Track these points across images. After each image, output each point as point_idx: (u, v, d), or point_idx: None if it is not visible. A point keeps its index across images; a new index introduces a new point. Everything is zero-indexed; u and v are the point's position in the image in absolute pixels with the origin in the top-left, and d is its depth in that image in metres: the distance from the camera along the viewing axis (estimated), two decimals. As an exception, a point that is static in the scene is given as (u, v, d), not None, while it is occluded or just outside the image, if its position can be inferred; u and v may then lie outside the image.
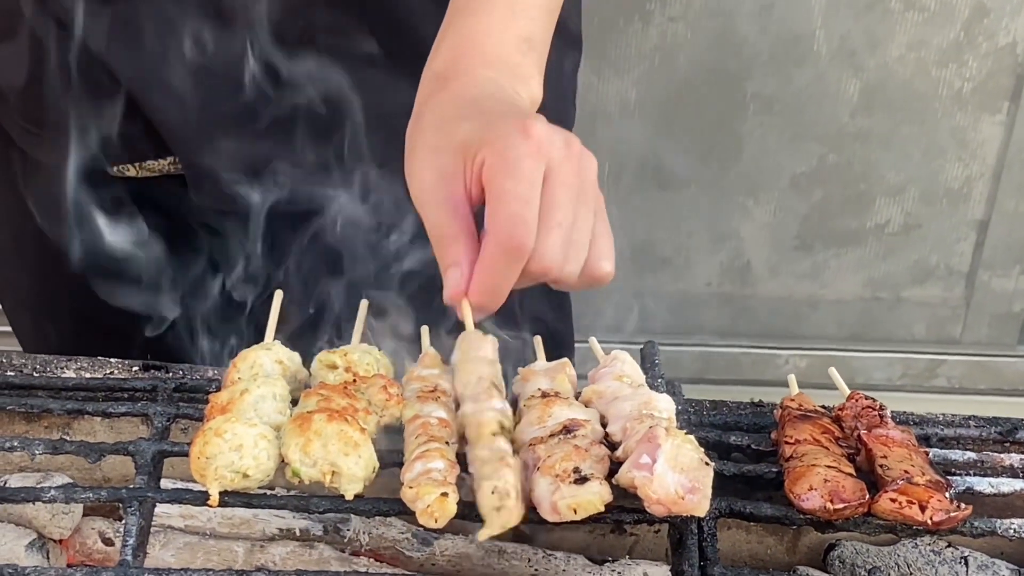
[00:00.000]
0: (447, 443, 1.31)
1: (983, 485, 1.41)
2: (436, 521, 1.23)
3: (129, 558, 1.27)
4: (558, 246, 1.25)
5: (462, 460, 1.30)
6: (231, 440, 1.29)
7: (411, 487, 1.25)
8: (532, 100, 1.42)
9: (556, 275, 1.26)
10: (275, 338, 1.47)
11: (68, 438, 1.56)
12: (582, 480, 1.24)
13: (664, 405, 1.37)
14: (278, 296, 1.50)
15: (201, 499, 1.30)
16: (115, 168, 1.75)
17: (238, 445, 1.29)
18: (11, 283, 2.00)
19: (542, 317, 1.92)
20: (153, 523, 1.36)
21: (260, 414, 1.33)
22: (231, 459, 1.28)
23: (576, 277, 1.28)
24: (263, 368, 1.41)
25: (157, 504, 1.36)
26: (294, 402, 1.38)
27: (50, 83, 1.66)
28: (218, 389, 1.42)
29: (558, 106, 1.87)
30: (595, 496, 1.24)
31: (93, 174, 1.75)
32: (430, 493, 1.23)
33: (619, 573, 1.54)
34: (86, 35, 1.60)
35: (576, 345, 2.04)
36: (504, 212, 1.23)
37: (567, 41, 1.86)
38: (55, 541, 1.52)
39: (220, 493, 1.29)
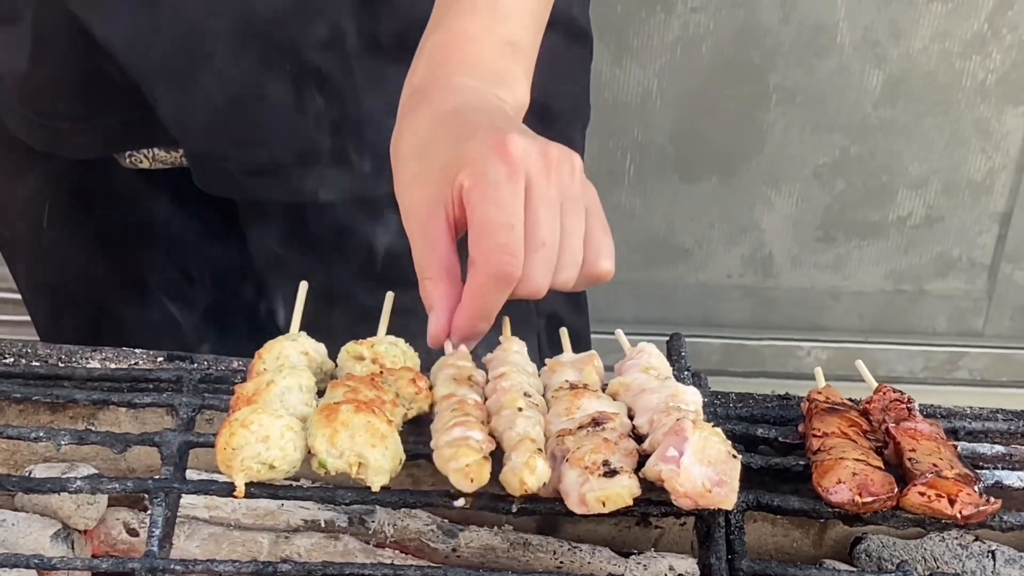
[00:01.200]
0: (482, 422, 1.31)
1: (1012, 479, 1.41)
2: (472, 482, 1.23)
3: (155, 549, 1.27)
4: (543, 267, 1.25)
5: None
6: (257, 431, 1.28)
7: (449, 447, 1.25)
8: (518, 105, 1.40)
9: (545, 292, 1.26)
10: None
11: (93, 428, 1.56)
12: (611, 473, 1.24)
13: (691, 398, 1.36)
14: (303, 287, 1.50)
15: (227, 490, 1.30)
16: (128, 159, 1.75)
17: (264, 436, 1.28)
18: (29, 273, 2.00)
19: (558, 313, 1.92)
20: (178, 514, 1.36)
21: (286, 405, 1.33)
22: (257, 450, 1.28)
23: (573, 282, 1.28)
24: (289, 359, 1.40)
25: (183, 495, 1.36)
26: (320, 393, 1.38)
27: (54, 71, 1.65)
28: (244, 380, 1.41)
29: (567, 105, 1.85)
30: (624, 490, 1.23)
31: (104, 164, 1.75)
32: (468, 455, 1.23)
33: (644, 566, 1.54)
34: (92, 24, 1.60)
35: (598, 336, 2.03)
36: (488, 242, 1.23)
37: (575, 37, 1.84)
38: (80, 532, 1.52)
39: (246, 484, 1.29)
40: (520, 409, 1.32)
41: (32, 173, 1.83)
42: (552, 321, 1.90)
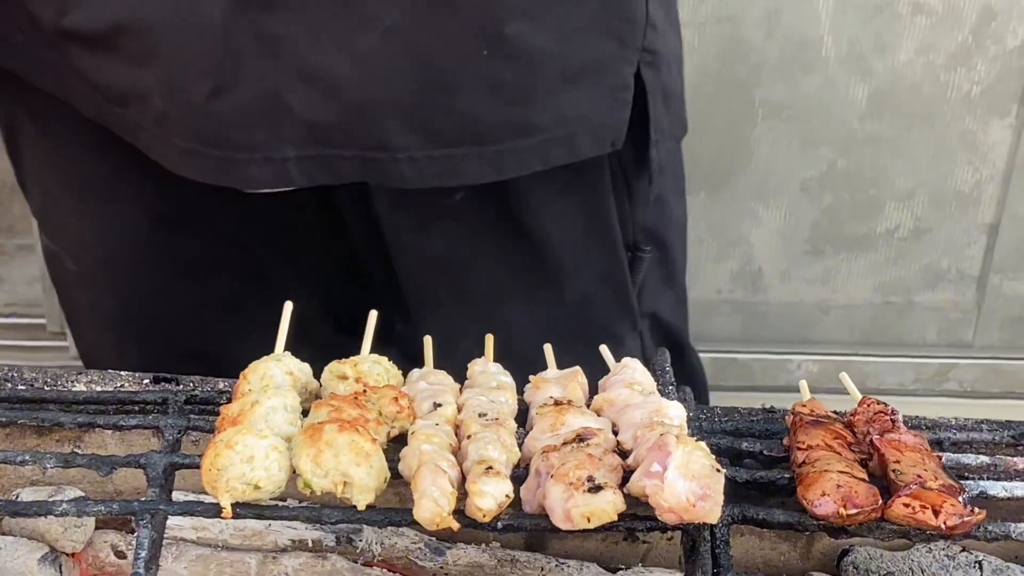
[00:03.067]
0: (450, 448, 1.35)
1: (996, 489, 1.41)
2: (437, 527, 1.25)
3: (141, 571, 1.27)
4: None
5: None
6: (242, 452, 1.28)
7: (419, 486, 1.26)
8: None
9: None
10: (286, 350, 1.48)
11: (79, 451, 1.56)
12: (596, 489, 1.24)
13: (675, 412, 1.37)
14: (288, 308, 1.50)
15: (213, 511, 1.30)
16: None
17: (249, 457, 1.29)
18: (93, 305, 1.98)
19: (659, 313, 1.93)
20: (165, 535, 1.36)
21: (271, 425, 1.33)
22: (243, 471, 1.28)
23: None
24: (273, 380, 1.41)
25: (169, 516, 1.36)
26: (305, 413, 1.38)
27: (241, 98, 1.62)
28: (229, 401, 1.42)
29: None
30: (609, 505, 1.24)
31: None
32: (431, 508, 1.25)
33: (632, 581, 1.54)
34: (287, 47, 1.58)
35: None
36: None
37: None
38: (68, 555, 1.52)
39: (232, 505, 1.29)
40: (469, 437, 1.33)
41: (122, 196, 1.81)
42: (655, 321, 1.92)
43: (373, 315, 1.51)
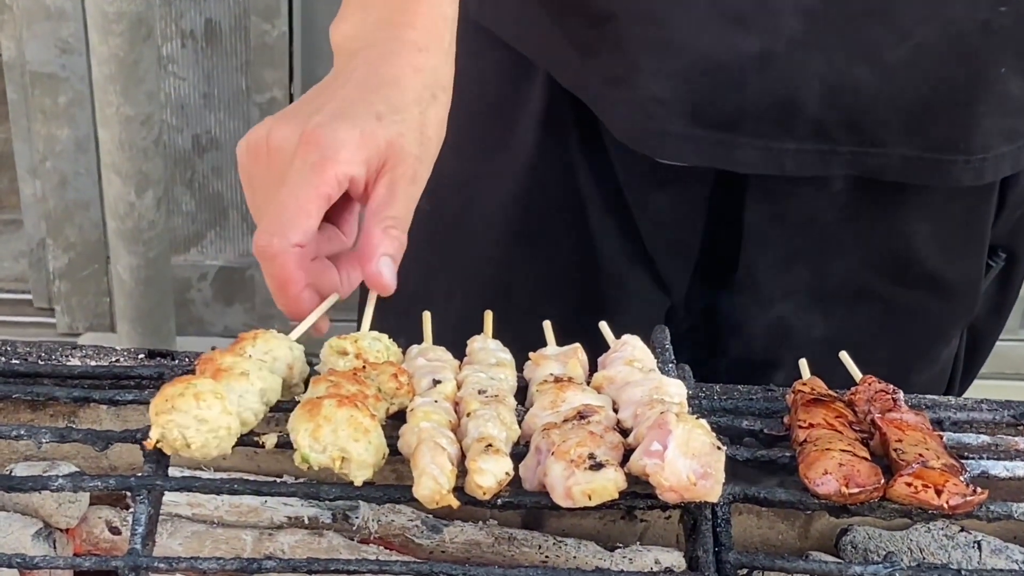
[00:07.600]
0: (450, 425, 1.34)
1: (998, 469, 1.40)
2: (436, 505, 1.24)
3: (138, 547, 1.25)
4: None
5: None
6: (203, 411, 1.25)
7: (418, 463, 1.25)
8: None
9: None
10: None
11: (74, 426, 1.55)
12: (597, 466, 1.23)
13: (675, 390, 1.36)
14: (332, 298, 1.47)
15: (211, 487, 1.29)
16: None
17: (204, 419, 1.25)
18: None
19: (976, 325, 1.95)
20: (160, 512, 1.35)
21: (241, 404, 1.30)
22: (188, 422, 1.25)
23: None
24: (275, 362, 1.38)
25: (165, 492, 1.34)
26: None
27: (753, 93, 1.62)
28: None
29: None
30: (610, 483, 1.23)
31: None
32: (431, 486, 1.23)
33: (630, 559, 1.53)
34: (813, 53, 1.58)
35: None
36: None
37: None
38: (62, 530, 1.51)
39: (216, 472, 1.28)
40: (469, 414, 1.33)
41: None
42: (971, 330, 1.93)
43: (373, 294, 1.50)
